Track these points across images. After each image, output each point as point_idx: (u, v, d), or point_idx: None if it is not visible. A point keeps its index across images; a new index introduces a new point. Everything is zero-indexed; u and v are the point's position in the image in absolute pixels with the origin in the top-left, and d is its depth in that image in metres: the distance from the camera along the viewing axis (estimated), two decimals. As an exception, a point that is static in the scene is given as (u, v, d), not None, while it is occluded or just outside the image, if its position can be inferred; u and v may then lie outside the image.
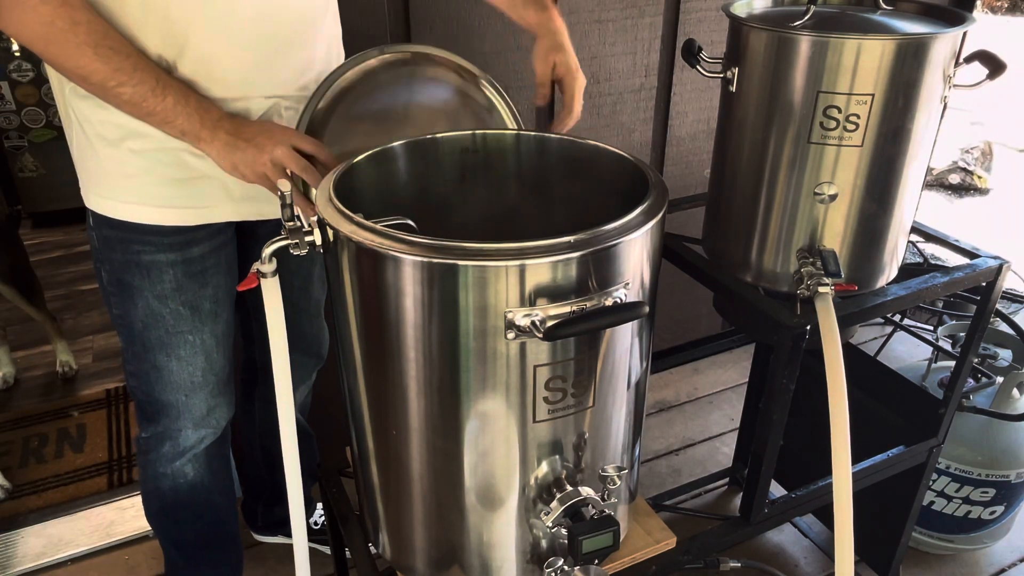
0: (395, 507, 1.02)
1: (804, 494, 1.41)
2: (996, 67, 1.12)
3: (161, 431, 1.41)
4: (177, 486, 1.48)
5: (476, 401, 0.87)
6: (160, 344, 1.32)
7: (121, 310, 1.31)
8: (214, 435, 1.46)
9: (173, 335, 1.31)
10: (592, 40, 2.04)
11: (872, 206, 1.19)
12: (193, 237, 1.27)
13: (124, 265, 1.26)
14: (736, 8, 1.26)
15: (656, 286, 0.97)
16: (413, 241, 0.81)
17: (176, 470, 1.46)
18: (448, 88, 1.28)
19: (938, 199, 4.36)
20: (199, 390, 1.38)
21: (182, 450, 1.43)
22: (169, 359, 1.33)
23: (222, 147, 1.11)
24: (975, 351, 1.47)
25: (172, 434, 1.41)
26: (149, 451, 1.44)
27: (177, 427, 1.40)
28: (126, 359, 1.37)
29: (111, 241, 1.25)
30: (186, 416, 1.39)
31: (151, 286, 1.27)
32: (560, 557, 0.95)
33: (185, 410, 1.39)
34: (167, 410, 1.38)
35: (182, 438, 1.42)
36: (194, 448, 1.45)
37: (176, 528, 1.56)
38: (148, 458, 1.45)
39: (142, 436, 1.44)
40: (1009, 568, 1.96)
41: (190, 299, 1.30)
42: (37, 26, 1.00)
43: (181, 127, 1.10)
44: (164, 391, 1.36)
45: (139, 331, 1.31)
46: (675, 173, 2.37)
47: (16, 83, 3.46)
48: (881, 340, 2.43)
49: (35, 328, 2.73)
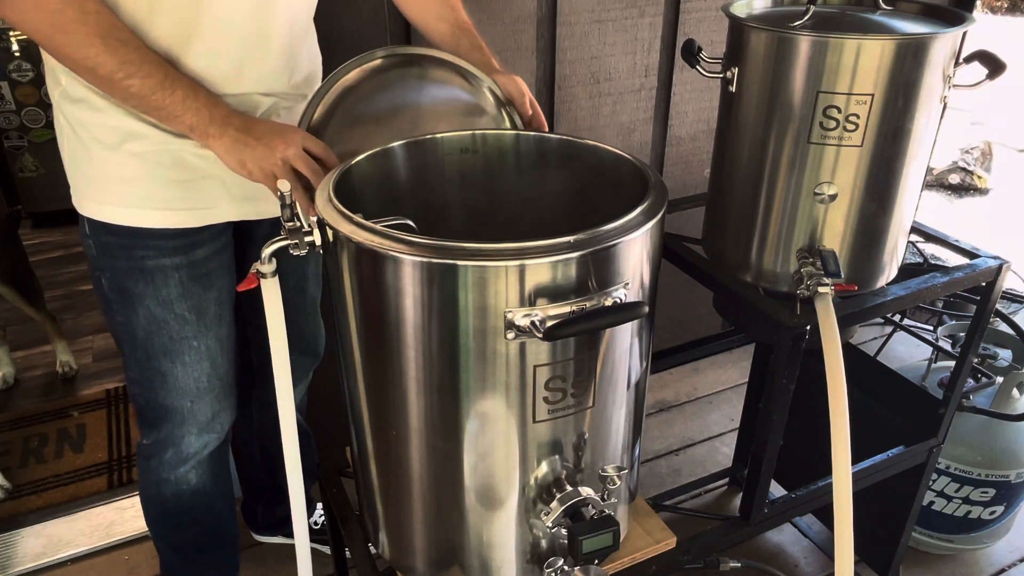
0: (395, 507, 1.02)
1: (804, 494, 1.41)
2: (996, 67, 1.12)
3: (164, 437, 1.40)
4: (180, 492, 1.47)
5: (476, 401, 0.87)
6: (164, 351, 1.30)
7: (124, 317, 1.29)
8: (218, 440, 1.46)
9: (178, 341, 1.30)
10: (592, 40, 2.04)
11: (872, 206, 1.19)
12: (197, 239, 1.26)
13: (127, 272, 1.24)
14: (736, 8, 1.26)
15: (656, 286, 0.97)
16: (413, 241, 0.81)
17: (179, 476, 1.45)
18: (448, 89, 1.28)
19: (938, 199, 4.36)
20: (205, 395, 1.37)
21: (185, 456, 1.42)
22: (174, 365, 1.32)
23: (231, 143, 1.10)
24: (975, 351, 1.47)
25: (176, 440, 1.40)
26: (151, 457, 1.43)
27: (181, 433, 1.39)
28: (128, 366, 1.36)
29: (111, 248, 1.24)
30: (191, 422, 1.38)
31: (155, 292, 1.26)
32: (560, 557, 0.95)
33: (190, 416, 1.38)
34: (171, 416, 1.37)
35: (185, 444, 1.41)
36: (198, 455, 1.44)
37: (177, 532, 1.55)
38: (150, 464, 1.44)
39: (143, 442, 1.43)
40: (1009, 568, 1.96)
41: (195, 303, 1.29)
42: (47, 14, 0.99)
43: (189, 122, 1.09)
44: (168, 397, 1.35)
45: (142, 338, 1.29)
46: (675, 173, 2.37)
47: (16, 83, 3.46)
48: (881, 340, 2.43)
49: (35, 328, 2.73)
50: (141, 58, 1.05)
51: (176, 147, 1.17)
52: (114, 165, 1.18)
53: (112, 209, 1.21)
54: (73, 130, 1.18)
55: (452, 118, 1.26)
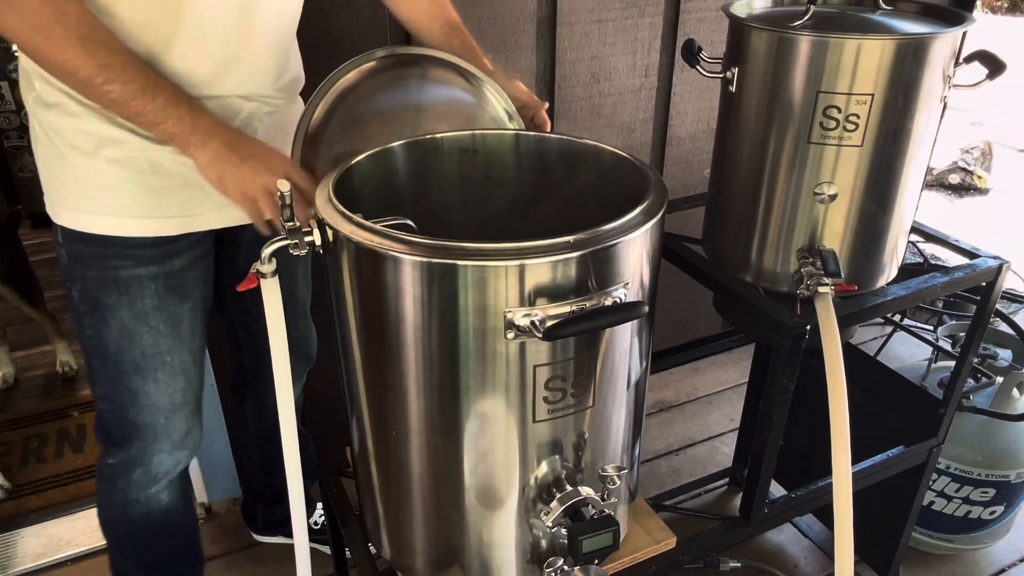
0: (395, 507, 1.02)
1: (804, 494, 1.41)
2: (996, 67, 1.12)
3: (133, 456, 1.34)
4: (150, 511, 1.41)
5: (476, 401, 0.87)
6: (136, 366, 1.25)
7: (95, 331, 1.24)
8: (190, 456, 1.42)
9: (151, 356, 1.26)
10: (592, 40, 2.04)
11: (872, 206, 1.19)
12: (175, 248, 1.22)
13: (99, 282, 1.20)
14: (736, 8, 1.26)
15: (656, 286, 0.97)
16: (413, 241, 0.81)
17: (150, 496, 1.39)
18: (448, 89, 1.28)
19: (938, 199, 4.36)
20: (179, 410, 1.33)
21: (155, 476, 1.37)
22: (146, 381, 1.27)
23: (212, 156, 1.07)
24: (975, 351, 1.47)
25: (145, 460, 1.34)
26: (116, 477, 1.36)
27: (152, 451, 1.34)
28: (96, 381, 1.30)
29: (84, 257, 1.19)
30: (164, 439, 1.33)
31: (130, 303, 1.21)
32: (560, 557, 0.95)
33: (164, 433, 1.33)
34: (142, 434, 1.31)
35: (155, 463, 1.35)
36: (170, 473, 1.39)
37: (146, 550, 1.48)
38: (115, 484, 1.37)
39: (107, 462, 1.36)
40: (1009, 568, 1.96)
41: (170, 315, 1.25)
42: (24, 15, 0.96)
43: (170, 130, 1.06)
44: (140, 414, 1.30)
45: (113, 352, 1.24)
46: (675, 173, 2.37)
47: (16, 83, 3.46)
48: (881, 340, 2.43)
49: (35, 328, 2.73)
50: (122, 63, 1.01)
51: (155, 153, 1.13)
52: (90, 172, 1.14)
53: (88, 217, 1.17)
54: (48, 136, 1.15)
55: (452, 118, 1.26)
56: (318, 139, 1.19)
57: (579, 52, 2.04)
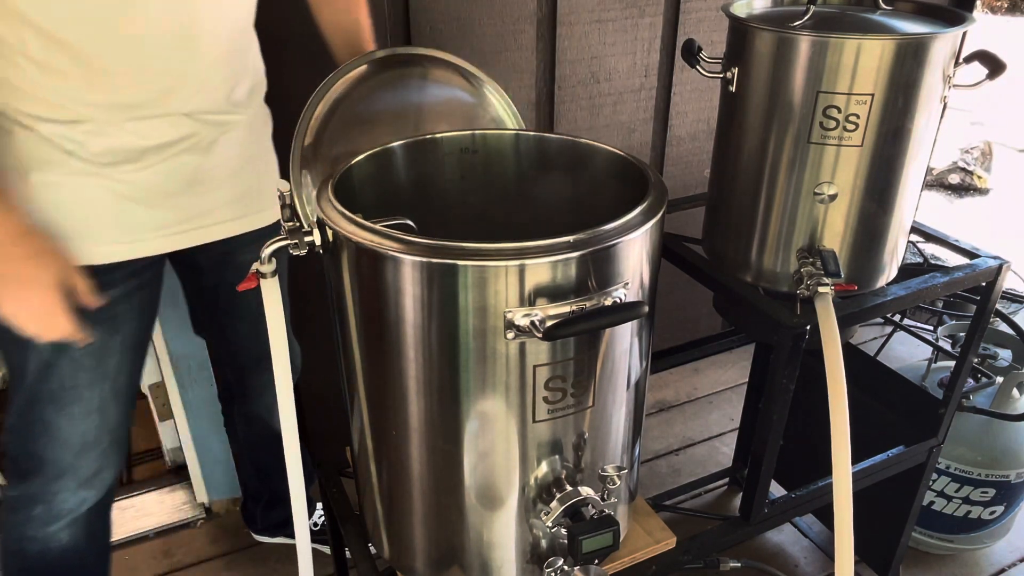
0: (395, 507, 1.02)
1: (804, 494, 1.41)
2: (996, 67, 1.12)
3: (34, 492, 1.26)
4: (47, 550, 1.32)
5: (476, 401, 0.87)
6: (51, 398, 1.18)
7: (16, 358, 1.17)
8: (97, 496, 1.32)
9: (68, 389, 1.18)
10: (592, 40, 2.04)
11: (872, 206, 1.19)
12: (109, 279, 1.15)
13: None
14: (736, 8, 1.26)
15: (656, 286, 0.97)
16: (412, 241, 0.81)
17: (48, 535, 1.30)
18: (449, 89, 1.28)
19: (938, 199, 4.35)
20: (90, 450, 1.25)
21: (57, 514, 1.29)
22: (59, 415, 1.20)
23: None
24: (975, 351, 1.47)
25: (47, 497, 1.27)
26: (17, 510, 1.29)
27: (54, 489, 1.26)
28: (7, 411, 1.22)
29: None
30: (70, 476, 1.26)
31: None
32: (560, 557, 0.95)
33: (70, 470, 1.25)
34: (45, 469, 1.24)
35: (58, 501, 1.28)
36: (73, 512, 1.30)
37: None
38: (15, 518, 1.29)
39: (9, 493, 1.28)
40: (1009, 568, 1.96)
41: (96, 348, 1.17)
42: None
43: None
44: (47, 449, 1.22)
45: (29, 383, 1.18)
46: (675, 173, 2.37)
47: None
48: (881, 340, 2.43)
49: None
50: None
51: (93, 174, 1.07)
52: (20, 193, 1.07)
53: None
54: None
55: (452, 118, 1.26)
56: (318, 139, 1.19)
57: (579, 52, 2.04)
